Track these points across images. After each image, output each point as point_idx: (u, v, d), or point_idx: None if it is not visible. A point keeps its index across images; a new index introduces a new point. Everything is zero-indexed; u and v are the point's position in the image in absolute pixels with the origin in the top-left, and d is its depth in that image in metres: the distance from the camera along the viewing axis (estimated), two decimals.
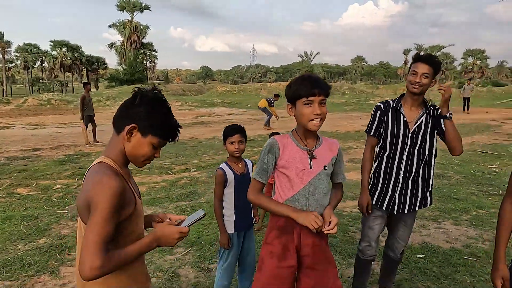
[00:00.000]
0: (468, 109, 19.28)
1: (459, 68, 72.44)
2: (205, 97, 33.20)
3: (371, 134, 2.42)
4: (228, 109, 24.11)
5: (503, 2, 32.10)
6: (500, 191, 5.83)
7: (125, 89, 32.36)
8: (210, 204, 5.24)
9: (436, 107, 2.34)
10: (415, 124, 2.31)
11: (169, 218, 1.52)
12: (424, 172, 2.36)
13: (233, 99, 30.47)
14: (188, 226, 1.39)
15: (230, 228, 2.55)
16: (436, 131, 2.34)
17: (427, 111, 2.32)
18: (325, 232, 1.65)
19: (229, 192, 2.52)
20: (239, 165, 2.54)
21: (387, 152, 2.37)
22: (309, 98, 1.65)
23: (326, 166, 1.79)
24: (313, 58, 36.99)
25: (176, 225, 1.39)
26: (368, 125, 2.45)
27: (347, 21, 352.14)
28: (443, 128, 2.27)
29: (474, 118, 16.60)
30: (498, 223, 1.64)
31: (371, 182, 2.46)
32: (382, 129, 2.38)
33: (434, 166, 2.42)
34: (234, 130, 2.51)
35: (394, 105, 2.38)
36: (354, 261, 2.74)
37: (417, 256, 3.54)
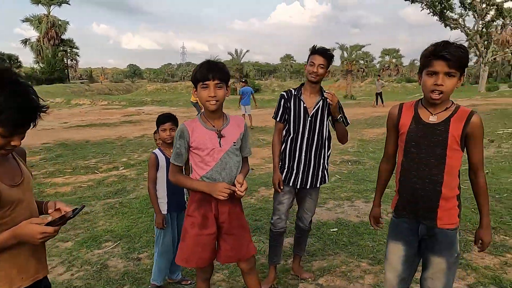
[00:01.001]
0: (382, 102, 21.05)
1: (378, 66, 78.15)
2: (134, 96, 32.10)
3: (277, 119, 2.70)
4: (158, 107, 23.62)
5: (412, 6, 35.38)
6: None
7: (44, 89, 30.04)
8: (140, 200, 5.28)
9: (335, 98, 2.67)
10: (313, 109, 2.61)
11: (59, 208, 1.42)
12: (322, 153, 2.69)
13: (163, 97, 29.87)
14: (62, 221, 1.32)
15: (164, 209, 2.73)
16: (330, 118, 2.67)
17: (323, 97, 2.65)
18: (237, 193, 1.88)
19: (161, 176, 2.70)
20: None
21: (291, 135, 2.65)
22: (205, 82, 1.86)
23: (235, 142, 2.02)
24: (243, 56, 37.58)
25: (50, 222, 1.30)
26: (274, 112, 2.73)
27: (275, 20, 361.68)
28: (334, 127, 2.66)
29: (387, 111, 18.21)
30: (377, 179, 2.03)
31: (280, 162, 2.75)
32: (286, 115, 2.67)
33: (328, 148, 2.75)
34: (166, 118, 2.71)
35: (295, 93, 2.66)
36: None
37: (331, 230, 3.96)
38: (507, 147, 9.52)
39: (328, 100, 2.49)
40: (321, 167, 2.70)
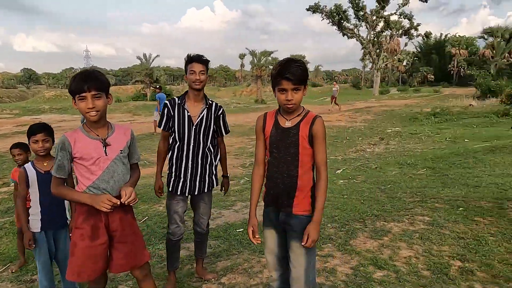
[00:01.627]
0: (332, 105, 22.02)
1: None
2: (29, 103, 29.08)
3: (162, 128, 2.72)
4: (58, 115, 21.72)
5: (315, 16, 37.96)
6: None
7: None
8: None
9: (215, 103, 2.77)
10: (198, 118, 2.65)
11: None
12: (209, 160, 2.76)
13: (64, 104, 27.54)
14: None
15: (36, 226, 2.52)
16: (214, 126, 2.74)
17: (207, 106, 2.71)
18: (124, 202, 1.89)
19: (33, 192, 2.51)
20: (45, 164, 2.53)
21: (177, 143, 2.68)
22: (81, 94, 1.84)
23: (121, 150, 2.02)
24: (153, 60, 36.49)
25: None
26: (159, 121, 2.75)
27: (186, 24, 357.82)
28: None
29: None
30: (251, 187, 2.13)
31: (168, 170, 2.76)
32: (170, 124, 2.68)
33: (216, 154, 2.85)
34: (39, 128, 2.51)
35: (179, 102, 2.67)
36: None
37: (237, 230, 4.11)
38: (394, 144, 10.80)
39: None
40: (207, 173, 2.76)
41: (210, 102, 2.76)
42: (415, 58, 67.84)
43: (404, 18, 37.69)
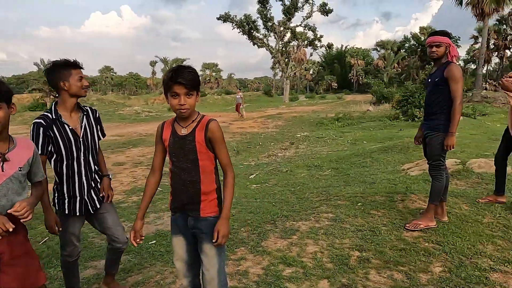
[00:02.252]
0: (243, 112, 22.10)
1: (200, 79, 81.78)
2: None
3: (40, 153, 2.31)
4: None
5: (225, 25, 38.55)
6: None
7: None
8: None
9: (93, 109, 2.62)
10: (82, 130, 2.46)
11: None
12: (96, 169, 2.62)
13: None
14: None
15: None
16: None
17: (85, 113, 2.52)
18: (11, 213, 1.73)
19: None
20: None
21: (65, 162, 2.42)
22: None
23: (21, 167, 1.86)
24: None
25: None
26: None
27: (90, 29, 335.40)
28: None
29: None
30: (143, 192, 2.11)
31: (58, 193, 2.51)
32: (51, 144, 2.38)
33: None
34: None
35: (54, 117, 2.37)
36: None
37: (149, 243, 3.97)
38: (303, 148, 11.45)
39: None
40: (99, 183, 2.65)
41: (86, 108, 2.57)
42: (320, 67, 73.04)
43: (309, 30, 40.37)
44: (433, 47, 3.49)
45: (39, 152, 2.27)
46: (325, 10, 37.46)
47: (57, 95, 2.52)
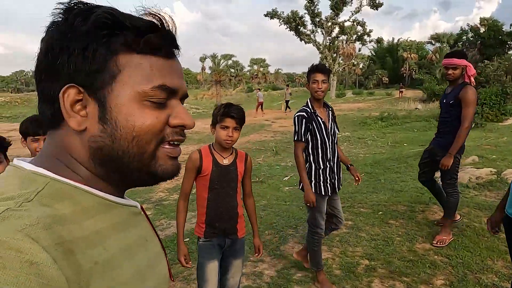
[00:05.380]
0: (289, 109, 23.00)
1: (248, 74, 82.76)
2: None
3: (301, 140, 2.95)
4: (8, 124, 20.86)
5: (273, 20, 38.76)
6: (257, 178, 7.55)
7: None
8: None
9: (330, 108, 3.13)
10: (329, 123, 3.05)
11: None
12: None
13: (15, 111, 26.46)
14: None
15: None
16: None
17: (329, 108, 3.11)
18: None
19: None
20: None
21: (319, 150, 2.97)
22: None
23: None
24: None
25: None
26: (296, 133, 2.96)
27: None
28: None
29: (252, 119, 19.77)
30: (177, 221, 2.26)
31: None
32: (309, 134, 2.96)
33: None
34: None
35: (312, 111, 2.94)
36: None
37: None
38: (342, 149, 11.43)
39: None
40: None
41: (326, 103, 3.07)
42: (370, 62, 70.86)
43: (357, 25, 39.47)
44: (450, 69, 3.58)
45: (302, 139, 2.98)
46: (374, 4, 36.42)
47: None
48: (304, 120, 2.91)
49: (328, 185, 3.03)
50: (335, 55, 41.76)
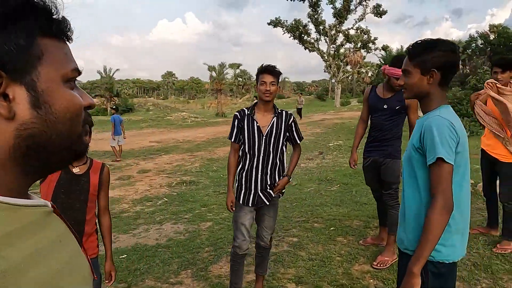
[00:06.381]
0: (301, 117, 22.90)
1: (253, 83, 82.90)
2: None
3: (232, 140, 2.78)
4: None
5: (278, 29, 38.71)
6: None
7: None
8: None
9: (285, 111, 2.83)
10: (267, 128, 2.75)
11: None
12: (277, 169, 2.85)
13: None
14: None
15: None
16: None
17: (276, 115, 2.76)
18: None
19: None
20: None
21: (247, 156, 2.74)
22: None
23: None
24: (113, 74, 36.14)
25: None
26: (229, 132, 2.80)
27: (157, 36, 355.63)
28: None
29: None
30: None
31: (237, 183, 2.81)
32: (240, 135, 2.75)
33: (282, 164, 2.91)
34: None
35: (248, 112, 2.73)
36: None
37: (120, 257, 4.14)
38: (330, 158, 11.12)
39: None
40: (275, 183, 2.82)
41: (279, 111, 2.79)
42: (379, 70, 70.27)
43: (361, 33, 39.09)
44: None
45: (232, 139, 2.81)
46: (378, 11, 36.03)
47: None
48: (236, 120, 2.76)
49: (248, 195, 2.75)
50: (340, 63, 41.39)
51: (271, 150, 2.71)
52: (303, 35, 38.08)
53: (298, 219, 4.81)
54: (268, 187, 2.76)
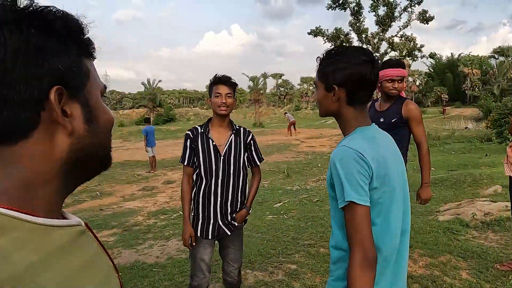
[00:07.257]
0: (295, 129, 22.65)
1: (298, 93, 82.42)
2: None
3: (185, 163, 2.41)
4: None
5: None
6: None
7: None
8: None
9: (243, 128, 2.52)
10: (225, 147, 2.40)
11: None
12: (239, 192, 2.50)
13: None
14: None
15: None
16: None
17: (234, 131, 2.43)
18: None
19: None
20: None
21: (203, 180, 2.38)
22: None
23: None
24: (156, 85, 37.45)
25: None
26: (181, 155, 2.45)
27: (203, 48, 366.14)
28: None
29: (283, 139, 19.22)
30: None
31: (193, 213, 2.45)
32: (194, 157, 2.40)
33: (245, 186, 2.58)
34: None
35: (202, 130, 2.40)
36: None
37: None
38: None
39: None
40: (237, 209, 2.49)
41: (237, 127, 2.48)
42: (428, 78, 67.12)
43: (406, 40, 37.50)
44: (396, 82, 2.90)
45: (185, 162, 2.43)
46: (424, 18, 34.37)
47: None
48: (188, 140, 2.39)
49: (207, 226, 2.39)
50: None
51: (231, 172, 2.36)
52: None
53: (305, 241, 4.44)
54: (229, 216, 2.39)
